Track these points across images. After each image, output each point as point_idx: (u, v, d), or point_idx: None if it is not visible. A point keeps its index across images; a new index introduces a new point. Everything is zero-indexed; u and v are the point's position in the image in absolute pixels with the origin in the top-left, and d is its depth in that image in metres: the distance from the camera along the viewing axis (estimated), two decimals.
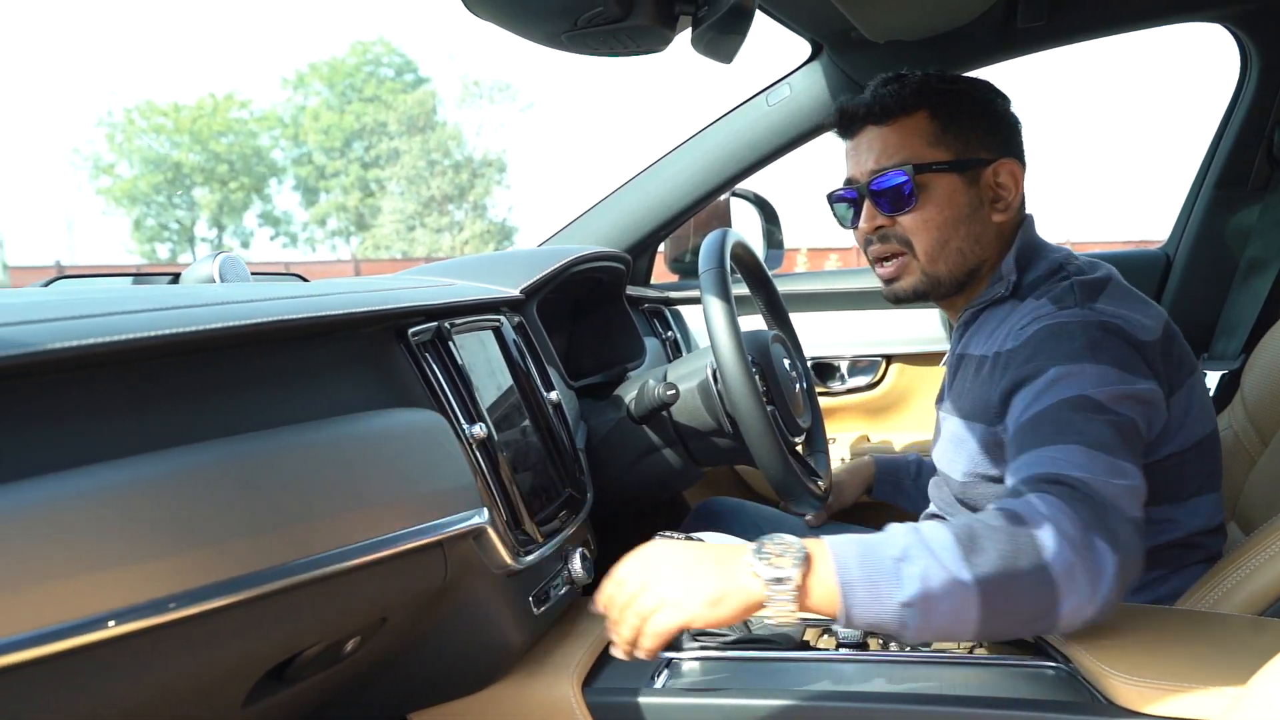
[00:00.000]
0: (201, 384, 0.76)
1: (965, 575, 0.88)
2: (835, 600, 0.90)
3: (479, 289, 1.25)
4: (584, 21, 1.02)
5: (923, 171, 1.20)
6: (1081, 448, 0.98)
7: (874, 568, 0.90)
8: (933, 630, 0.89)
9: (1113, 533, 0.91)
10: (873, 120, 1.24)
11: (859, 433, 2.10)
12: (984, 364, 1.18)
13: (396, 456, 0.87)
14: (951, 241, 1.22)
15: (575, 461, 1.27)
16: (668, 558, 0.93)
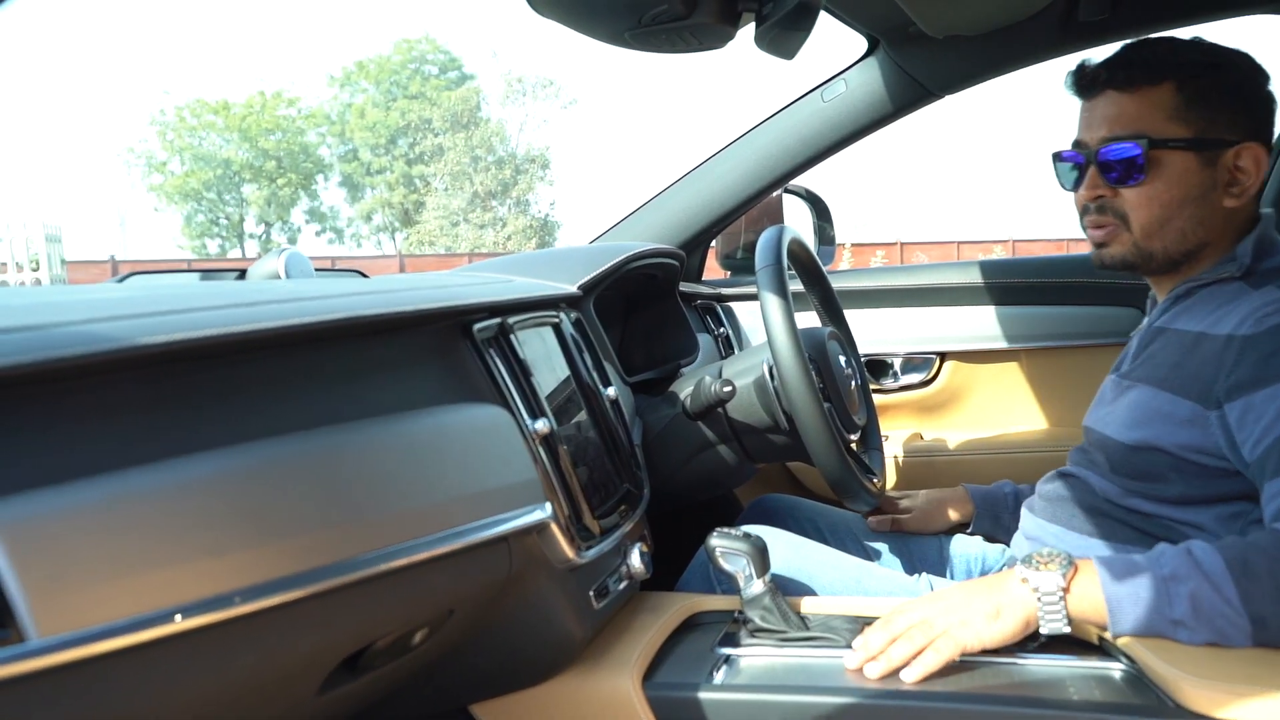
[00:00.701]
0: (274, 379, 0.78)
1: (1235, 600, 0.90)
2: (1102, 611, 0.95)
3: (538, 285, 1.26)
4: (648, 19, 1.02)
5: (1157, 147, 1.14)
6: None
7: (1142, 585, 0.94)
8: (1204, 641, 0.93)
9: None
10: (1114, 85, 1.17)
11: (912, 430, 2.09)
12: (1201, 341, 1.12)
13: (464, 451, 0.88)
14: (1174, 221, 1.16)
15: (632, 457, 1.28)
16: (941, 595, 1.01)
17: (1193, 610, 0.91)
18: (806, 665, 1.03)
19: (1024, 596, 0.96)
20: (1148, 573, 0.95)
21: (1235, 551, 0.93)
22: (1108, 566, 0.97)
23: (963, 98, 1.83)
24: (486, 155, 28.38)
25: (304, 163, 32.10)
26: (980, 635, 0.95)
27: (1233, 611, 0.90)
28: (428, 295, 0.96)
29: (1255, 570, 0.91)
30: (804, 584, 1.25)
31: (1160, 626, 0.93)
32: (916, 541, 1.52)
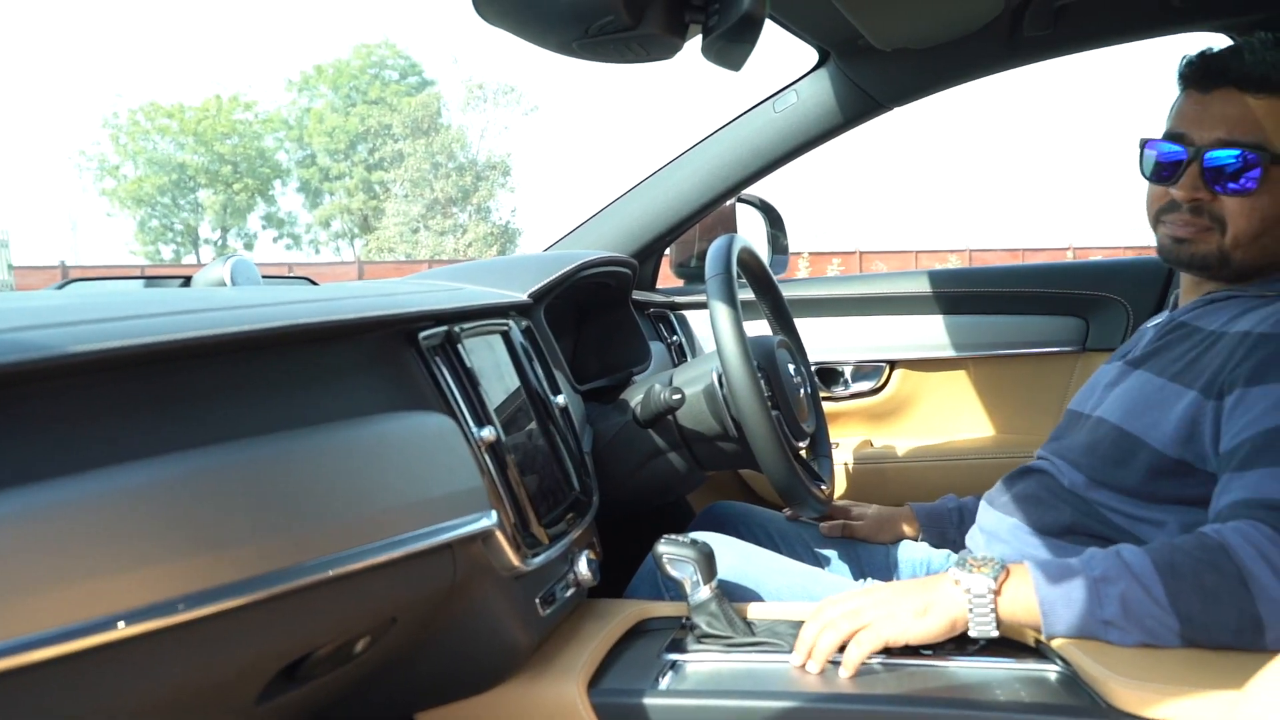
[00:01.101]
0: (216, 387, 0.77)
1: (1164, 600, 0.92)
2: (1034, 613, 0.97)
3: (487, 293, 1.27)
4: (595, 29, 1.03)
5: (1277, 163, 1.10)
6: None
7: (1074, 586, 0.96)
8: (1134, 642, 0.94)
9: None
10: (1241, 85, 1.11)
11: (862, 438, 2.11)
12: (1218, 339, 1.13)
13: (408, 459, 0.88)
14: (1267, 235, 1.14)
15: (582, 465, 1.28)
16: (875, 589, 1.02)
17: (1123, 611, 0.93)
18: (751, 670, 1.04)
19: (954, 597, 0.98)
20: (1079, 575, 0.96)
21: (1163, 553, 0.95)
22: (1040, 570, 0.98)
23: (922, 108, 1.85)
24: (447, 162, 28.23)
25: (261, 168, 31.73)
26: (906, 631, 0.97)
27: (1161, 611, 0.92)
28: (372, 303, 0.95)
29: (1181, 571, 0.93)
30: (751, 590, 1.26)
31: (1092, 627, 0.95)
32: (865, 548, 1.54)
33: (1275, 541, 0.92)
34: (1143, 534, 1.14)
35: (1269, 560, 0.91)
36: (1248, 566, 0.91)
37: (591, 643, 1.08)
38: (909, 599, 0.99)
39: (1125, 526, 1.15)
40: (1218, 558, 0.93)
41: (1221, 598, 0.91)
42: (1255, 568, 0.91)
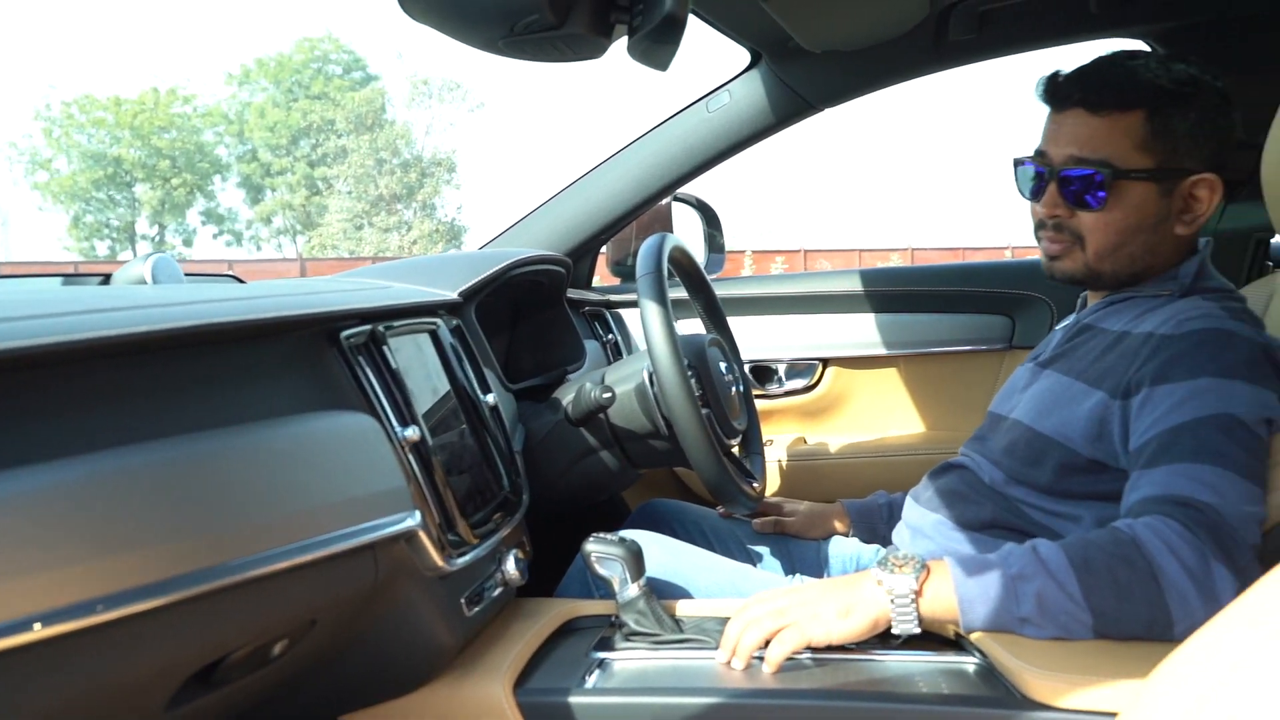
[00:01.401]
0: (129, 387, 0.76)
1: (1079, 597, 0.94)
2: (953, 610, 0.99)
3: (416, 291, 1.26)
4: (520, 28, 1.03)
5: (1120, 177, 1.15)
6: (1218, 469, 0.99)
7: (992, 584, 0.98)
8: (1048, 636, 0.97)
9: (1232, 559, 0.94)
10: (1085, 105, 1.17)
11: (796, 435, 2.13)
12: (1123, 339, 1.16)
13: (327, 459, 0.87)
14: (1126, 247, 1.19)
15: (511, 463, 1.28)
16: (800, 588, 1.03)
17: (1039, 608, 0.96)
18: (678, 667, 1.04)
19: (876, 597, 1.00)
20: (996, 572, 0.98)
21: (1077, 549, 0.98)
22: (960, 567, 1.00)
23: (868, 107, 1.88)
24: (391, 158, 27.94)
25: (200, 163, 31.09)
26: (828, 631, 0.99)
27: (1075, 607, 0.95)
28: (294, 302, 0.94)
29: (1095, 566, 0.96)
30: (680, 587, 1.26)
31: (1008, 624, 0.97)
32: (797, 544, 1.55)
33: (1183, 536, 0.95)
34: (1060, 528, 1.17)
35: (1177, 554, 0.94)
36: (1157, 561, 0.94)
37: (519, 642, 1.08)
38: (832, 599, 1.00)
39: (1043, 521, 1.18)
40: (1129, 552, 0.95)
41: (1134, 592, 0.94)
42: (1164, 562, 0.94)
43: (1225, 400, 1.03)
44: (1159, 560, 0.94)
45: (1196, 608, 0.93)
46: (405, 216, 28.13)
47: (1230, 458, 1.00)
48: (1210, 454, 1.01)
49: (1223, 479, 0.99)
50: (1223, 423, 1.02)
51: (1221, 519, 0.96)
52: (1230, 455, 1.00)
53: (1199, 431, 1.02)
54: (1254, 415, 1.03)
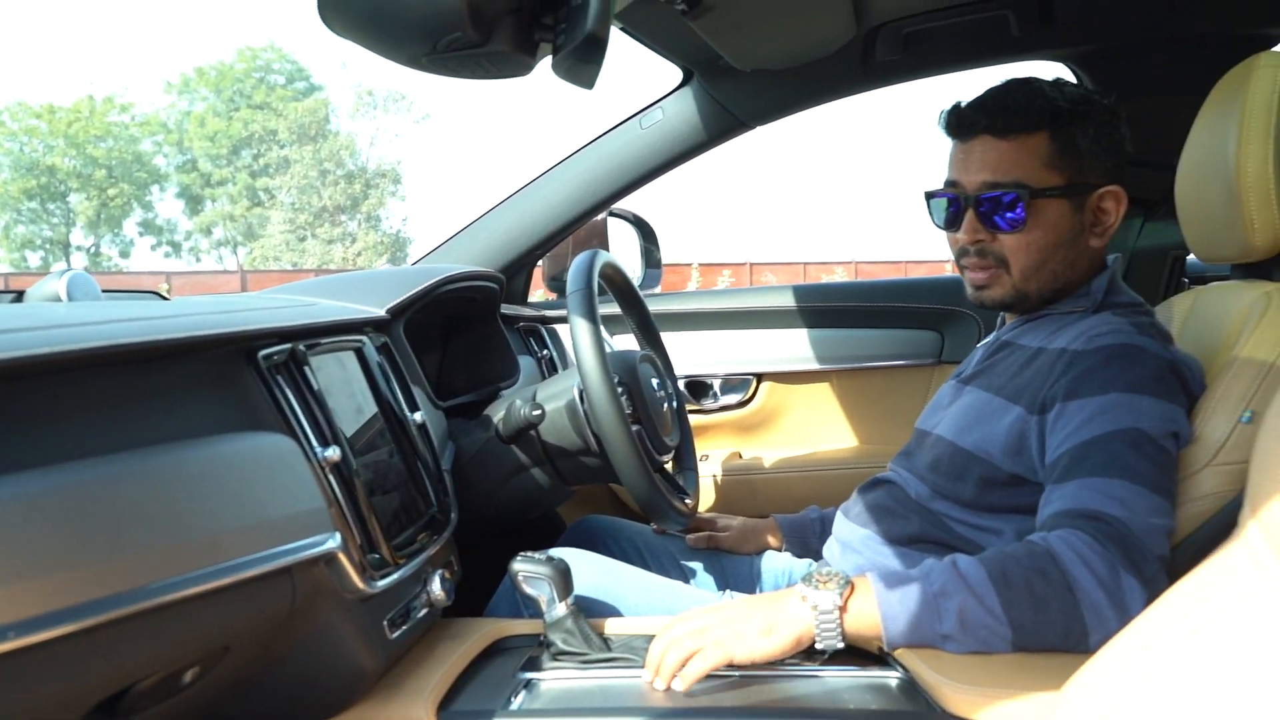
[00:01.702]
0: (37, 409, 0.74)
1: (999, 611, 0.96)
2: (876, 627, 0.99)
3: (341, 309, 1.24)
4: (443, 45, 1.02)
5: (1036, 196, 1.19)
6: (1126, 483, 1.02)
7: (915, 601, 0.99)
8: (969, 651, 0.98)
9: (1140, 570, 0.97)
10: (991, 131, 1.21)
11: (731, 450, 2.14)
12: (1039, 355, 1.19)
13: (240, 482, 0.85)
14: (1048, 264, 1.23)
15: (439, 482, 1.27)
16: (724, 606, 1.03)
17: (960, 623, 0.97)
18: (605, 686, 1.04)
19: (800, 614, 1.00)
20: (918, 588, 1.00)
21: (995, 564, 1.00)
22: (882, 583, 1.02)
23: (816, 123, 1.89)
24: (335, 169, 27.63)
25: (138, 172, 30.44)
26: (751, 649, 0.98)
27: (995, 621, 0.96)
28: (209, 321, 0.93)
29: (1013, 580, 0.97)
30: (610, 605, 1.26)
31: (930, 640, 0.99)
32: (731, 559, 1.56)
33: (1093, 548, 0.97)
34: (983, 542, 1.19)
35: (1090, 566, 0.96)
36: (1072, 573, 0.96)
37: (444, 664, 1.07)
38: (755, 617, 1.00)
39: (967, 535, 1.21)
40: (1045, 565, 0.97)
41: (1050, 604, 0.96)
42: (1078, 573, 0.96)
43: (1133, 415, 1.06)
44: (1073, 572, 0.96)
45: (1109, 618, 0.95)
46: (350, 228, 27.82)
47: (1138, 472, 1.03)
48: (1119, 468, 1.03)
49: (1131, 492, 1.02)
50: (1131, 437, 1.05)
51: (1130, 532, 0.99)
52: (1138, 469, 1.03)
53: (1109, 446, 1.05)
54: (1160, 429, 1.06)
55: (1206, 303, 1.31)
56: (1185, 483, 1.09)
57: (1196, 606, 0.67)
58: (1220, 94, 1.25)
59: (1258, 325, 1.12)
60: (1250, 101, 1.17)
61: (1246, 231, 1.18)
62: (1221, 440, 1.08)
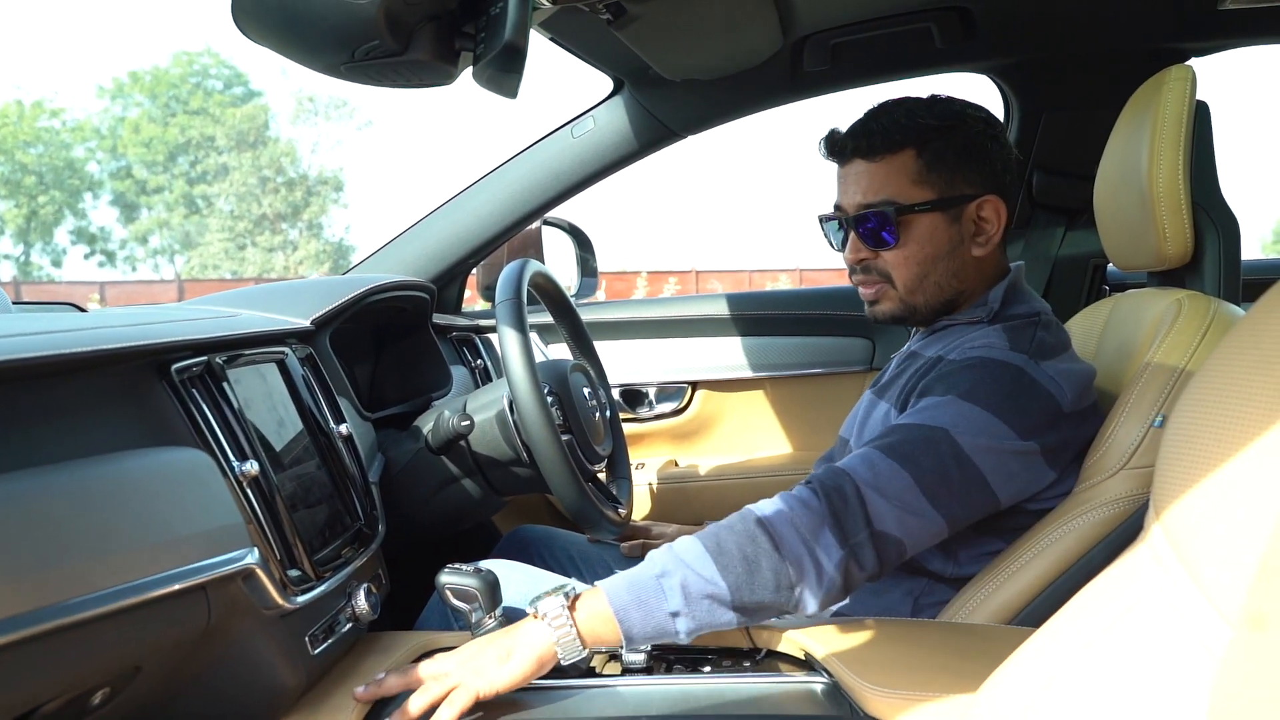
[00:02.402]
0: None
1: (716, 577, 0.98)
2: (614, 625, 0.99)
3: (263, 320, 1.22)
4: (361, 53, 1.01)
5: (905, 212, 1.22)
6: (895, 465, 1.05)
7: (640, 588, 0.99)
8: (701, 628, 1.00)
9: (845, 532, 1.01)
10: (860, 154, 1.25)
11: (667, 457, 2.15)
12: (929, 363, 1.22)
13: (151, 498, 0.83)
14: (930, 276, 1.25)
15: (367, 495, 1.25)
16: (464, 646, 1.01)
17: (684, 598, 0.98)
18: (532, 699, 1.03)
19: (535, 632, 0.99)
20: (642, 576, 1.01)
21: (710, 536, 1.02)
22: (609, 583, 1.02)
23: (758, 130, 1.90)
24: (276, 176, 27.19)
25: (70, 179, 29.65)
26: (492, 681, 0.96)
27: (714, 588, 0.99)
28: (119, 334, 0.90)
29: (726, 547, 1.00)
30: None
31: (663, 623, 0.99)
32: None
33: (805, 501, 1.02)
34: None
35: (795, 521, 1.01)
36: (779, 530, 1.01)
37: (368, 678, 1.06)
38: (492, 648, 0.98)
39: None
40: (752, 528, 1.01)
41: (760, 562, 0.99)
42: (785, 531, 1.01)
43: (952, 419, 1.09)
44: (780, 529, 1.01)
45: (809, 571, 1.00)
46: (291, 236, 27.40)
47: (916, 464, 1.06)
48: (900, 453, 1.07)
49: (891, 471, 1.05)
50: (934, 435, 1.08)
51: (851, 493, 1.03)
52: (918, 462, 1.06)
53: (909, 434, 1.09)
54: (974, 443, 1.08)
55: (1124, 309, 1.35)
56: (1100, 486, 1.12)
57: (1104, 607, 0.69)
58: (1134, 106, 1.28)
59: (1169, 332, 1.15)
60: (1161, 113, 1.20)
61: (1159, 240, 1.21)
62: (1135, 444, 1.11)
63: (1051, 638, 0.75)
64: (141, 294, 20.12)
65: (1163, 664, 0.58)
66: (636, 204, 44.85)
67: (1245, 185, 36.48)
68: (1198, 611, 0.55)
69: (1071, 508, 1.13)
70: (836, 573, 1.01)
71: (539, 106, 5.03)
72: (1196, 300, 1.18)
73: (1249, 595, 0.50)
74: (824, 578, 1.01)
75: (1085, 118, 1.84)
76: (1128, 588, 0.67)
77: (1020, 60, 1.82)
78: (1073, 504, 1.14)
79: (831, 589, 1.02)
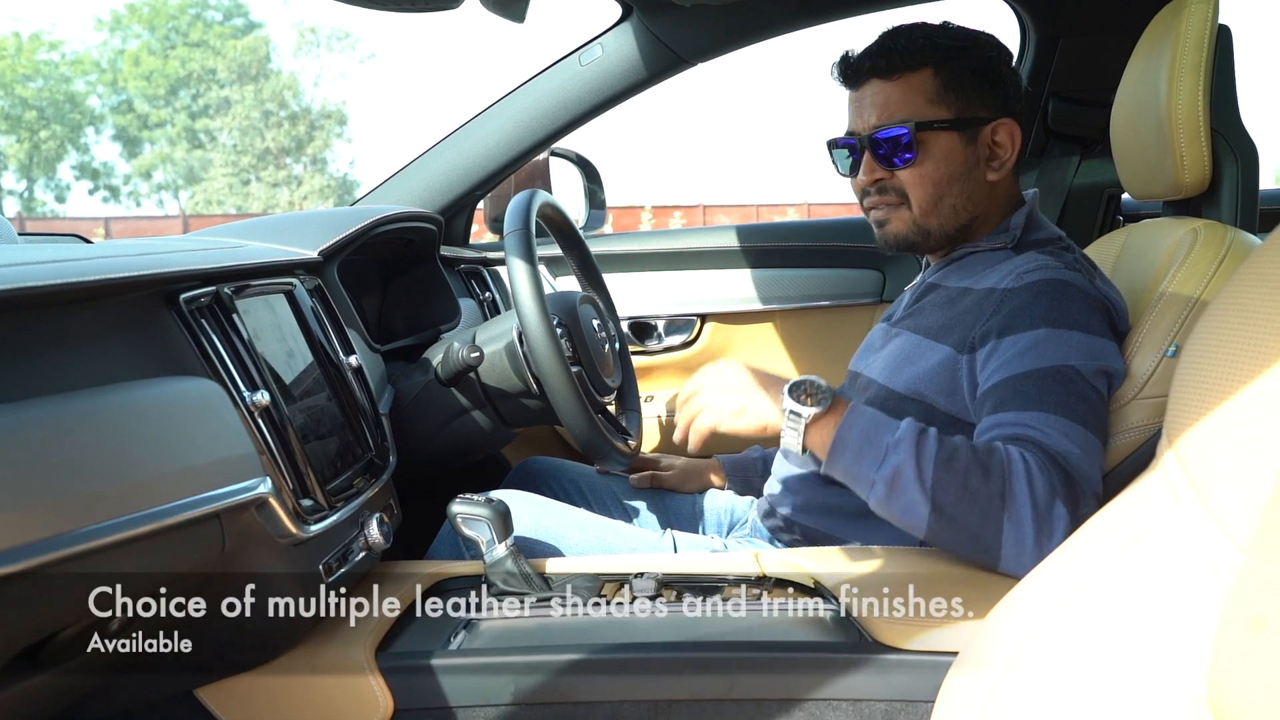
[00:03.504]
0: None
1: (929, 484, 1.00)
2: (826, 449, 1.06)
3: (271, 251, 1.22)
4: None
5: (923, 129, 1.22)
6: (1063, 419, 1.05)
7: (869, 440, 1.04)
8: (889, 513, 1.04)
9: (1075, 505, 1.00)
10: (877, 75, 1.24)
11: (676, 390, 2.15)
12: (966, 295, 1.22)
13: (162, 427, 0.83)
14: (946, 198, 1.25)
15: (377, 426, 1.26)
16: (723, 374, 1.14)
17: (891, 480, 1.01)
18: (544, 625, 1.05)
19: (771, 411, 1.09)
20: (880, 431, 1.04)
21: (949, 447, 1.03)
22: (855, 415, 1.06)
23: (766, 62, 1.86)
24: (278, 110, 26.89)
25: (70, 114, 29.37)
26: (719, 423, 1.12)
27: (921, 495, 1.00)
28: (126, 264, 0.90)
29: (955, 465, 1.01)
30: (550, 545, 1.27)
31: (860, 481, 1.05)
32: (673, 499, 1.57)
33: (1043, 470, 1.00)
34: None
35: (1033, 486, 0.99)
36: (1014, 485, 0.99)
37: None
38: (732, 399, 1.11)
39: None
40: (992, 467, 1.00)
41: (976, 502, 1.00)
42: (1019, 488, 0.99)
43: (1063, 351, 1.08)
44: (1016, 485, 0.99)
45: (1028, 539, 0.98)
46: (295, 171, 27.19)
47: (1073, 409, 1.05)
48: (1054, 404, 1.06)
49: (1068, 427, 1.04)
50: (1064, 375, 1.07)
51: (1072, 466, 1.02)
52: (1073, 407, 1.06)
53: (1044, 382, 1.07)
54: (1090, 366, 1.08)
55: (1138, 239, 1.33)
56: (1113, 415, 1.12)
57: (1116, 532, 0.69)
58: (1153, 32, 1.25)
59: (1184, 261, 1.14)
60: (1181, 39, 1.17)
61: (1176, 168, 1.19)
62: (1148, 373, 1.10)
63: (1063, 563, 0.75)
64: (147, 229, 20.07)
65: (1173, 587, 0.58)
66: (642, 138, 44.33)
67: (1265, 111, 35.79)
68: (1208, 537, 0.56)
69: None
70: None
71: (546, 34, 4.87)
72: (1213, 229, 1.16)
73: (1260, 521, 0.50)
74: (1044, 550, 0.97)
75: (1103, 44, 1.80)
76: (1140, 514, 0.67)
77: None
78: None
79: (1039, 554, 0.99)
